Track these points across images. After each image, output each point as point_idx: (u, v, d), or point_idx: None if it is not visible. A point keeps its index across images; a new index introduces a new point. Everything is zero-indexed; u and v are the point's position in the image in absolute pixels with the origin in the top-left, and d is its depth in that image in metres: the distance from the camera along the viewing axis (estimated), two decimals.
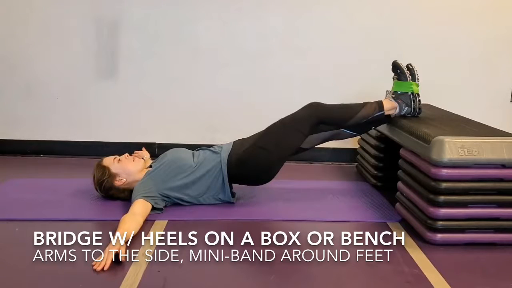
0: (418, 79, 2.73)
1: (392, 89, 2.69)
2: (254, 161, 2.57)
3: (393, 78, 2.71)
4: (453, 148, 2.13)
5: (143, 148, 2.94)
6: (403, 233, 2.33)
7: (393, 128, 2.67)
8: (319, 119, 2.61)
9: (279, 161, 2.60)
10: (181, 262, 2.04)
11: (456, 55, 3.56)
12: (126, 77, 3.62)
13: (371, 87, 3.33)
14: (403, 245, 2.20)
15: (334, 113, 2.62)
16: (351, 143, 3.50)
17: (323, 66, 3.57)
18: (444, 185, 2.15)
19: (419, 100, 2.72)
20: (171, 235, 2.28)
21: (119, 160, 2.65)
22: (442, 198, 2.16)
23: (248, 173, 2.61)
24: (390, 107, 2.64)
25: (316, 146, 2.76)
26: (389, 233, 2.34)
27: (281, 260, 2.09)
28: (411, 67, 2.75)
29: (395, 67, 2.69)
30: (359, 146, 3.36)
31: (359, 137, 3.29)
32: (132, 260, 2.01)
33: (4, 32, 3.59)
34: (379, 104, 2.63)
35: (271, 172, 2.61)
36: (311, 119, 2.60)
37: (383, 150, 2.97)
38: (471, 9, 3.52)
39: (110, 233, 2.13)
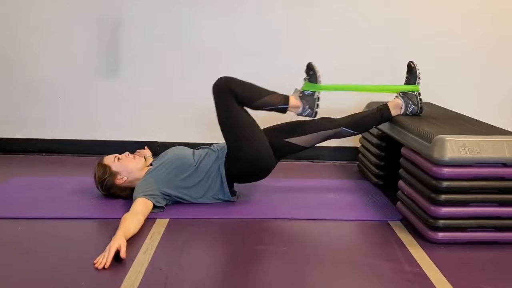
0: (419, 77, 2.73)
1: (301, 88, 2.69)
2: (242, 161, 2.56)
3: (304, 79, 2.70)
4: (454, 146, 2.13)
5: (145, 147, 2.95)
6: (404, 231, 2.33)
7: (394, 127, 2.67)
8: (231, 92, 2.55)
9: (257, 145, 2.55)
10: (182, 260, 2.04)
11: (457, 54, 3.56)
12: (127, 76, 3.63)
13: None
14: (404, 244, 2.21)
15: (242, 89, 2.58)
16: (353, 141, 3.50)
17: (323, 65, 3.54)
18: (445, 183, 2.15)
19: (421, 99, 2.72)
20: (172, 233, 2.29)
21: (119, 158, 2.65)
22: (443, 196, 2.16)
23: (246, 172, 2.61)
24: (295, 104, 2.64)
25: (317, 145, 2.76)
26: (390, 231, 2.35)
27: (281, 258, 2.09)
28: (412, 65, 2.75)
29: (309, 68, 2.69)
30: (360, 144, 3.36)
31: (360, 135, 3.30)
32: (134, 258, 2.02)
33: (5, 32, 3.60)
34: (286, 98, 2.63)
35: (262, 161, 2.58)
36: (226, 94, 2.55)
37: (385, 149, 2.97)
38: (472, 8, 3.52)
39: (112, 231, 2.14)
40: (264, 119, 2.75)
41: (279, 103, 2.61)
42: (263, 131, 2.63)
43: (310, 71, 2.68)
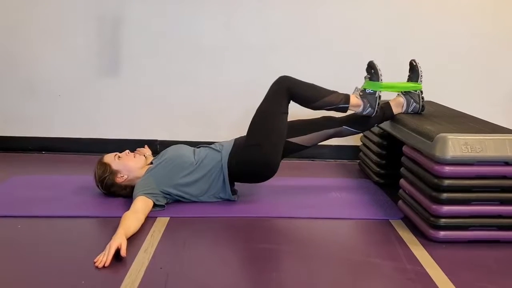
0: (421, 75, 2.72)
1: (362, 87, 2.69)
2: (251, 160, 2.55)
3: (365, 77, 2.70)
4: (456, 145, 2.12)
5: (146, 146, 2.94)
6: (405, 230, 2.33)
7: (395, 125, 2.66)
8: (290, 93, 2.57)
9: (275, 151, 2.56)
10: (183, 259, 2.03)
11: (458, 52, 3.55)
12: (128, 74, 3.62)
13: None
14: (405, 243, 2.20)
15: (303, 90, 2.60)
16: (354, 140, 3.49)
17: (325, 63, 3.56)
18: (447, 182, 2.14)
19: (422, 98, 2.71)
20: (173, 231, 2.28)
21: (119, 157, 2.65)
22: (445, 195, 2.15)
23: (249, 172, 2.60)
24: (356, 103, 2.64)
25: (318, 144, 2.76)
26: (392, 230, 2.34)
27: (283, 257, 2.09)
28: (414, 63, 2.74)
29: (370, 67, 2.69)
30: (361, 143, 3.36)
31: (361, 134, 3.29)
32: (134, 257, 2.01)
33: (6, 30, 3.59)
34: (346, 97, 2.63)
35: (272, 166, 2.57)
36: (283, 94, 2.57)
37: (386, 147, 2.96)
38: (473, 6, 3.51)
39: (112, 229, 2.13)
40: None
41: (340, 103, 2.61)
42: None
43: (372, 69, 2.67)
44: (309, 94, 2.61)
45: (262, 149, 2.53)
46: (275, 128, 2.57)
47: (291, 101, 2.63)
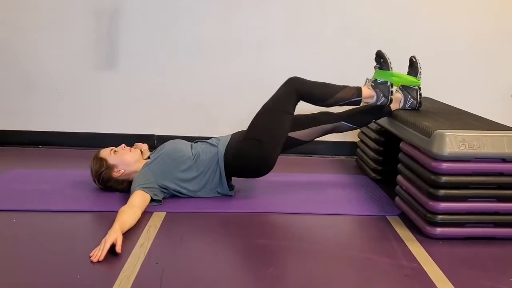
0: (420, 72, 2.71)
1: (372, 77, 2.68)
2: (249, 154, 2.55)
3: (374, 67, 2.69)
4: (453, 141, 2.12)
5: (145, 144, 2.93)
6: (402, 226, 2.32)
7: (393, 122, 2.66)
8: (299, 94, 2.58)
9: (274, 148, 2.56)
10: (179, 254, 2.03)
11: (457, 49, 3.54)
12: (125, 69, 3.61)
13: None
14: (402, 239, 2.20)
15: (313, 90, 2.61)
16: (351, 136, 3.49)
17: (324, 59, 3.55)
18: (444, 179, 2.14)
19: (420, 94, 2.71)
20: (169, 227, 2.28)
21: (115, 151, 2.64)
22: (442, 192, 2.15)
23: (246, 167, 2.60)
24: (368, 95, 2.63)
25: (316, 139, 2.76)
26: (388, 226, 2.34)
27: (280, 253, 2.08)
28: (414, 60, 2.73)
29: (379, 56, 2.68)
30: (359, 139, 3.35)
31: (359, 130, 3.28)
32: (130, 251, 2.01)
33: (3, 24, 3.57)
34: (358, 89, 2.63)
35: (269, 162, 2.57)
36: (292, 95, 2.57)
37: (383, 144, 2.96)
38: (473, 2, 3.50)
39: (109, 224, 2.13)
40: None
41: (352, 97, 2.60)
42: None
43: (381, 58, 2.66)
44: (320, 93, 2.60)
45: (262, 145, 2.53)
46: (278, 127, 2.57)
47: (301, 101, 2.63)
